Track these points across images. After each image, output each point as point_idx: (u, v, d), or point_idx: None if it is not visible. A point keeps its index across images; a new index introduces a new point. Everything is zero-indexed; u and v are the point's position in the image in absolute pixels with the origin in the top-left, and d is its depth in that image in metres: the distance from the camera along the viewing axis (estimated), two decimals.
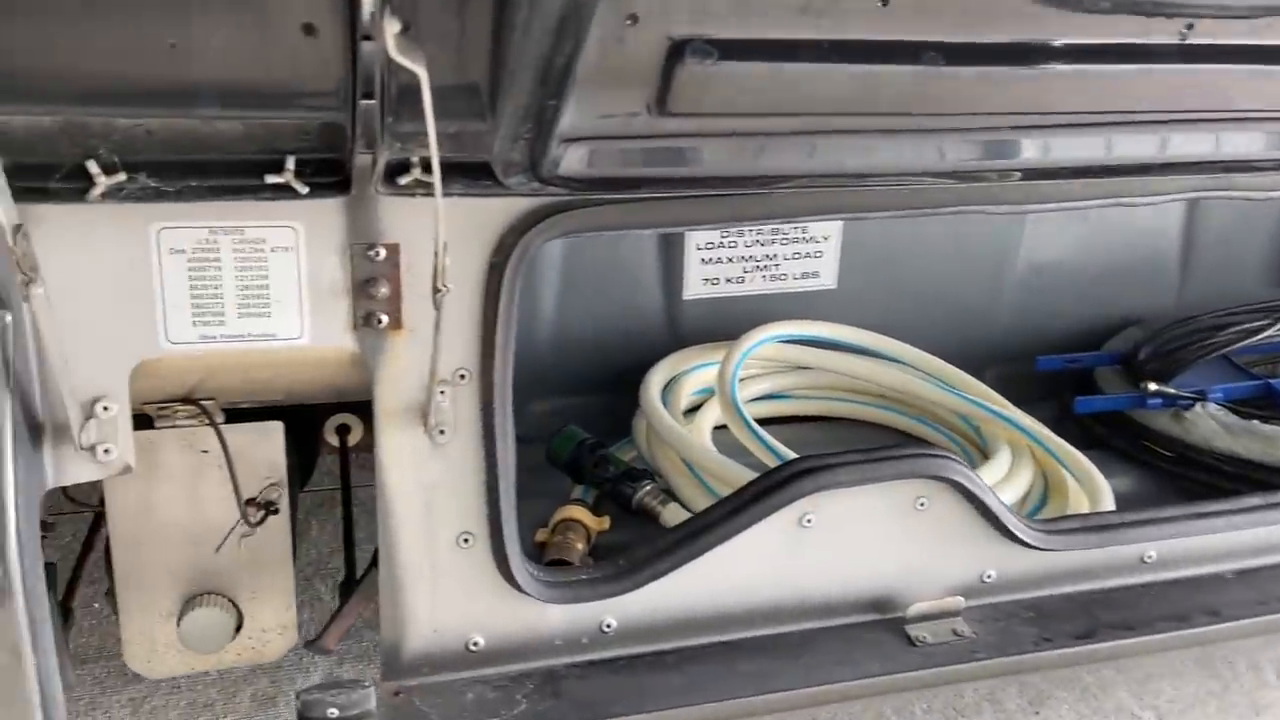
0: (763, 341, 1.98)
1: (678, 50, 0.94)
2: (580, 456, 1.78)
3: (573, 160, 1.04)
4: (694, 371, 2.00)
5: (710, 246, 2.10)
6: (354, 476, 1.91)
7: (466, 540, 1.32)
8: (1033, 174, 1.31)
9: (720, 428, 1.92)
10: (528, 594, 1.33)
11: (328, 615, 1.74)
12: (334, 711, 1.26)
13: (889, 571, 1.51)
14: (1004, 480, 1.75)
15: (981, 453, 1.93)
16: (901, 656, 1.44)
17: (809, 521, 1.44)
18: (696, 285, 2.12)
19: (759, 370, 2.10)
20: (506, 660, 1.37)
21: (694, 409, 1.99)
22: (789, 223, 1.71)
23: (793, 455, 1.61)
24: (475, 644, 1.36)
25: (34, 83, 0.89)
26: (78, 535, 1.75)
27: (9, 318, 1.08)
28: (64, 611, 1.50)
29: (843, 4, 0.90)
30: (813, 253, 2.16)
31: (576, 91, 0.91)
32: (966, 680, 1.43)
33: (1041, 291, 2.23)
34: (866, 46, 0.98)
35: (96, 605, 2.12)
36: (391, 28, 0.81)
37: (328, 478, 2.15)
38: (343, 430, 1.90)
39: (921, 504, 1.47)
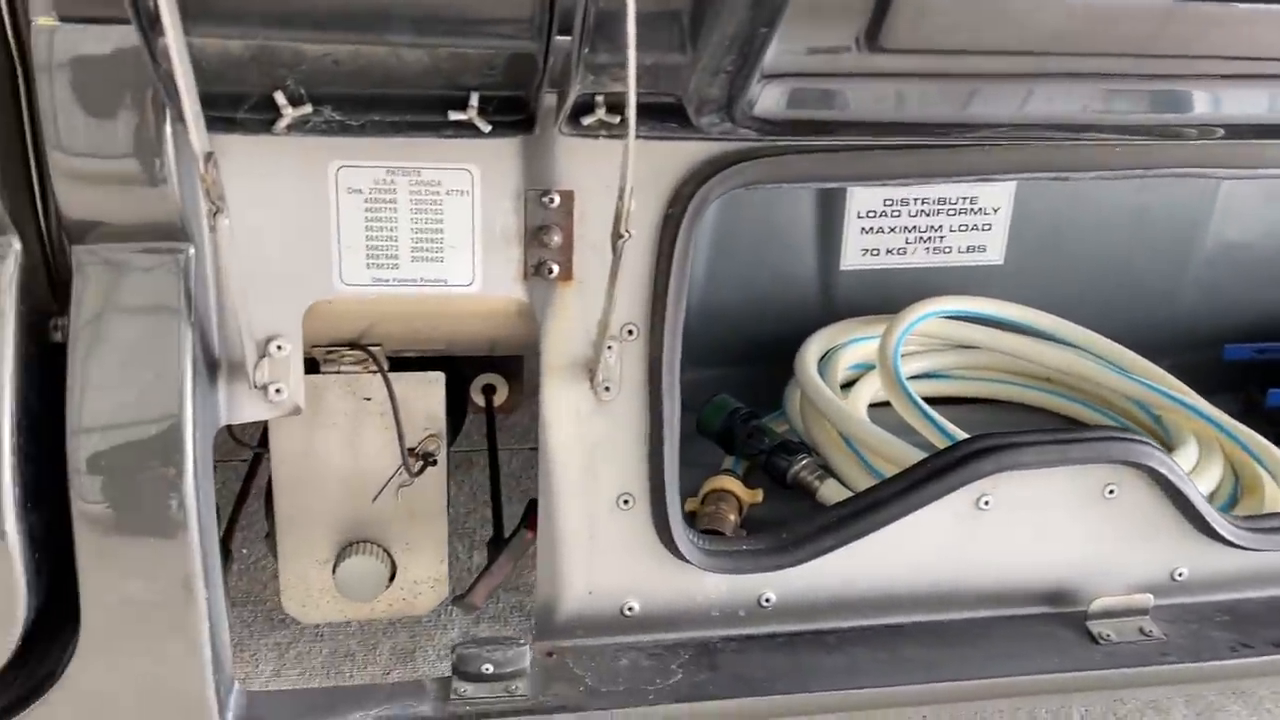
0: (926, 316, 1.88)
1: None
2: (733, 426, 1.72)
3: (770, 100, 0.97)
4: (851, 345, 1.92)
5: (872, 215, 2.01)
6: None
7: (626, 502, 1.28)
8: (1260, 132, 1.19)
9: (877, 405, 1.84)
10: (687, 561, 1.28)
11: (465, 574, 1.73)
12: (489, 667, 1.23)
13: (1071, 562, 1.40)
14: (1192, 473, 1.61)
15: (1164, 445, 1.79)
16: (1083, 653, 1.34)
17: (986, 504, 1.34)
18: (855, 255, 2.04)
19: (918, 347, 2.01)
20: (662, 628, 1.32)
21: (849, 384, 1.91)
22: (975, 180, 1.60)
23: (963, 435, 1.52)
24: (630, 609, 1.32)
25: (228, 4, 0.87)
26: (226, 483, 1.79)
27: (192, 250, 1.08)
28: (224, 551, 1.52)
29: None
30: (980, 225, 2.05)
31: (787, 21, 0.84)
32: (1155, 684, 1.32)
33: (1232, 272, 2.05)
34: None
35: (245, 551, 2.18)
36: None
37: (464, 440, 2.16)
38: (488, 390, 1.89)
39: (1111, 491, 1.36)
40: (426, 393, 1.40)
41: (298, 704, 1.21)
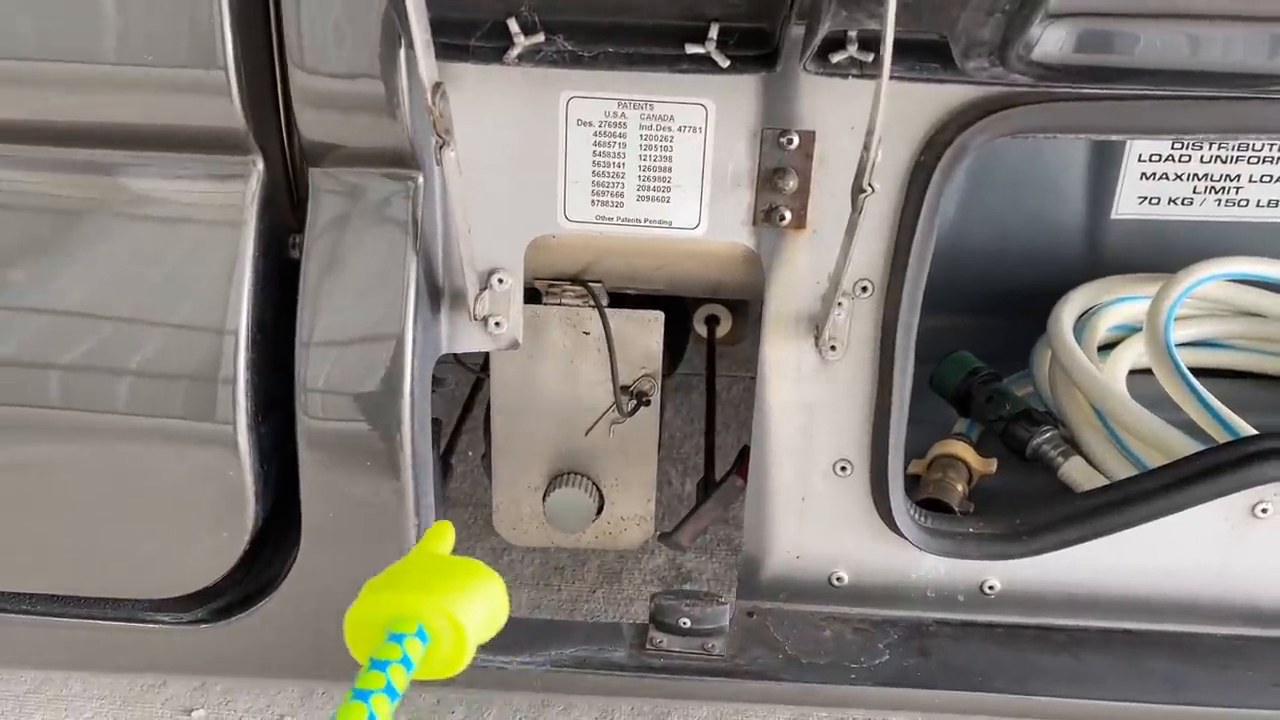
0: (1210, 279, 1.66)
1: None
2: (971, 388, 1.59)
3: (1051, 42, 0.84)
4: (1116, 305, 1.73)
5: (1156, 159, 1.79)
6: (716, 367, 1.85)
7: (844, 469, 1.20)
8: None
9: (1139, 371, 1.65)
10: (905, 538, 1.19)
11: (675, 500, 1.69)
12: (686, 621, 1.21)
13: None
14: None
15: None
16: None
17: (1264, 512, 1.17)
18: (1131, 203, 1.84)
19: (1195, 310, 1.79)
20: (870, 602, 1.25)
21: (1109, 346, 1.72)
22: None
23: (1245, 426, 1.33)
24: (839, 578, 1.25)
25: None
26: (459, 388, 1.84)
27: (420, 179, 1.07)
28: (444, 466, 1.57)
29: None
30: None
31: None
32: None
33: None
34: None
35: (470, 453, 2.26)
36: None
37: (685, 364, 2.14)
38: (711, 321, 1.84)
39: None
40: (645, 331, 1.36)
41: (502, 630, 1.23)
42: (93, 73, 1.02)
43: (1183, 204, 1.83)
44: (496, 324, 1.16)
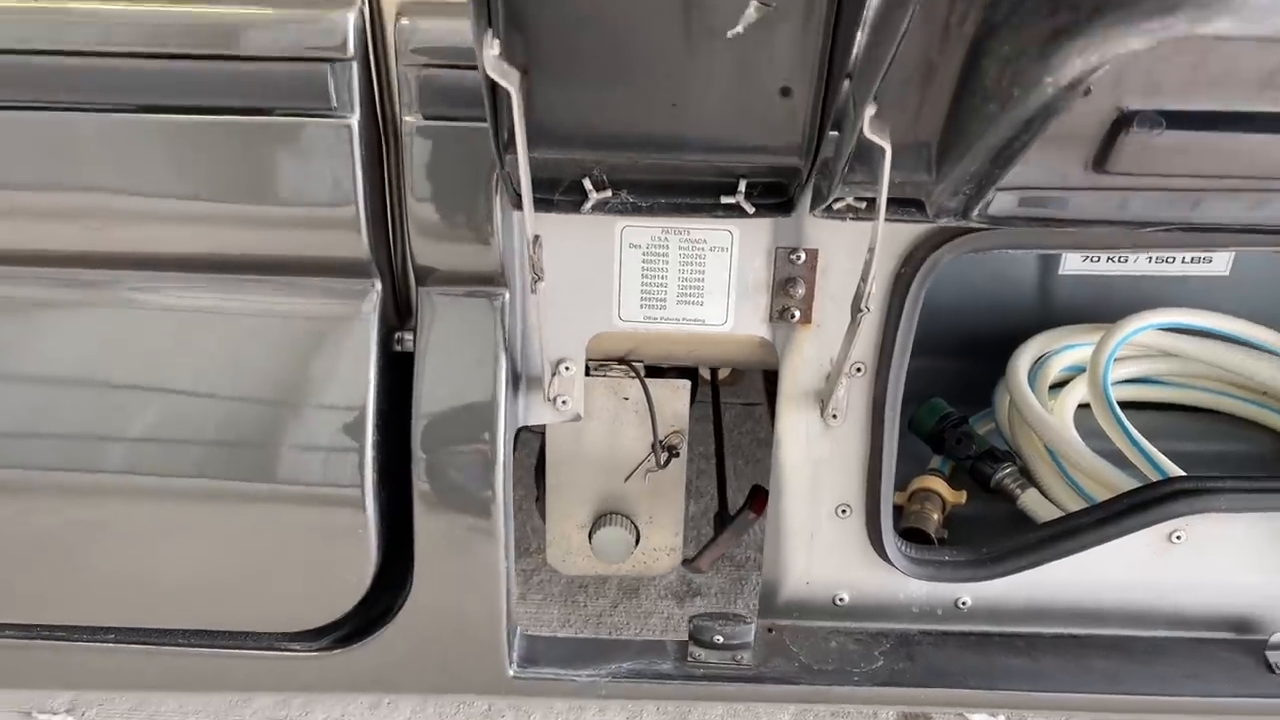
0: (1142, 329, 1.94)
1: (1126, 119, 0.99)
2: (943, 430, 1.87)
3: (1000, 204, 1.12)
4: (1064, 351, 2.01)
5: None
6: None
7: (844, 511, 1.48)
8: None
9: (1086, 405, 1.93)
10: (894, 566, 1.47)
11: (688, 521, 1.96)
12: (719, 638, 1.48)
13: (1254, 595, 1.51)
14: None
15: None
16: (1258, 681, 1.46)
17: (1178, 538, 1.47)
18: (1075, 261, 2.10)
19: (1132, 352, 2.06)
20: (867, 617, 1.54)
21: (1062, 383, 2.00)
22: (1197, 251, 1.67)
23: (1168, 464, 1.62)
24: (841, 599, 1.53)
25: (565, 131, 1.10)
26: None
27: (507, 295, 1.34)
28: None
29: None
30: None
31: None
32: None
33: None
34: None
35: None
36: (868, 111, 0.93)
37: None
38: (713, 369, 2.11)
39: None
40: (674, 396, 1.63)
41: (565, 650, 1.50)
42: (253, 213, 1.28)
43: (1120, 262, 2.09)
44: (564, 402, 1.44)
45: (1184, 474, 1.54)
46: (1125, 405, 1.82)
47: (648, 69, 1.03)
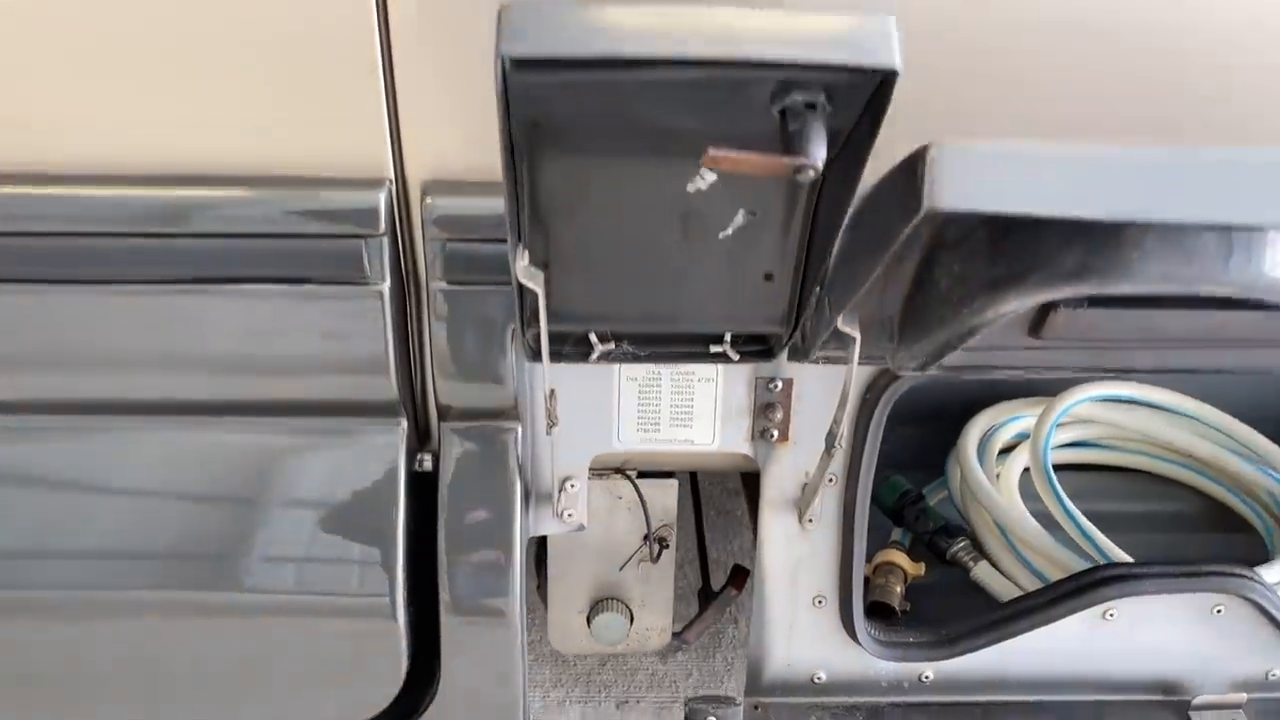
0: (1080, 401, 2.15)
1: (1053, 305, 1.19)
2: (903, 506, 2.06)
3: (950, 360, 1.31)
4: (1010, 422, 2.21)
5: None
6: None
7: (820, 601, 1.67)
8: None
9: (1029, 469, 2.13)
10: (864, 648, 1.66)
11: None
12: (712, 718, 1.66)
13: (1180, 662, 1.72)
14: None
15: None
16: None
17: (1111, 615, 1.67)
18: None
19: (1070, 420, 2.26)
20: (842, 693, 1.72)
21: (1011, 448, 2.18)
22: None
23: (1105, 542, 1.83)
24: (819, 677, 1.72)
25: (580, 311, 1.27)
26: None
27: (520, 428, 1.51)
28: None
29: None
30: None
31: None
32: None
33: None
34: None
35: None
36: (848, 327, 1.12)
37: None
38: None
39: (1218, 610, 1.67)
40: (663, 493, 1.79)
41: None
42: (299, 365, 1.43)
43: None
44: (569, 514, 1.61)
45: (1114, 560, 1.74)
46: (1064, 467, 2.02)
47: (651, 262, 1.21)
